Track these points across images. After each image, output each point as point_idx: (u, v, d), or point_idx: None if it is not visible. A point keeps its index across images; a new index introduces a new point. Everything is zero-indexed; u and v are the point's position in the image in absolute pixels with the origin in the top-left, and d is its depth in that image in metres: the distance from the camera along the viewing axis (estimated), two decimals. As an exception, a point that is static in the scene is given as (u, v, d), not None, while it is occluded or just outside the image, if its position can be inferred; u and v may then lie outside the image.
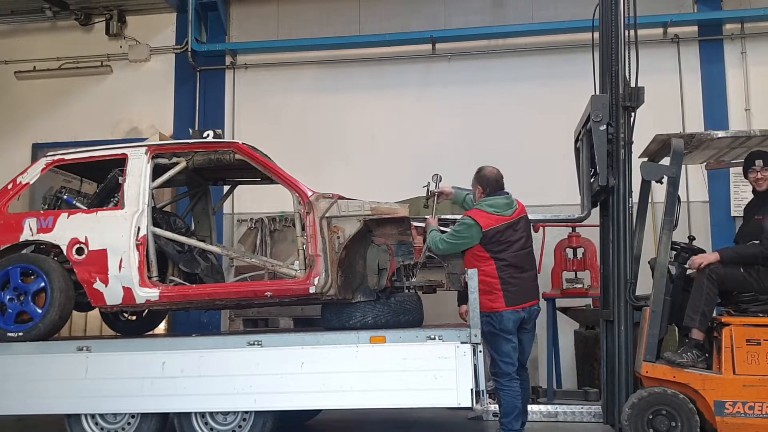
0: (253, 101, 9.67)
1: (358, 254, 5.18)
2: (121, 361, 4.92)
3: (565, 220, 6.27)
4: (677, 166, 5.08)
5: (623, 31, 5.46)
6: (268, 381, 4.70)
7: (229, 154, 5.32)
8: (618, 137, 5.29)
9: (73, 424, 5.00)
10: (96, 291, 5.12)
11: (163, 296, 5.09)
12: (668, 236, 5.06)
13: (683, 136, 5.21)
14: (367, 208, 4.96)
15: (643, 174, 5.26)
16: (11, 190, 5.48)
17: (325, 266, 4.88)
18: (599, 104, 5.31)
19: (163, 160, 5.41)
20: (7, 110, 10.17)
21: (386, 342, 4.65)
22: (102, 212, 5.29)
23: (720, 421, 4.67)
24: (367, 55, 9.53)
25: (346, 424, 6.69)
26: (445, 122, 9.17)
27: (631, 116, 5.36)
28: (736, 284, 4.91)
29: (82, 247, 5.13)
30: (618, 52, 5.41)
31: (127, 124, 9.93)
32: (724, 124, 8.47)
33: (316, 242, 4.93)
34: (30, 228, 5.24)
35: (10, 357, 5.04)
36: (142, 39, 10.06)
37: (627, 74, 5.41)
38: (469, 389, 4.41)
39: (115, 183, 5.40)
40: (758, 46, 8.80)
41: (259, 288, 5.14)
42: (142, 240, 5.10)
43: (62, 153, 5.59)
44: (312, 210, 4.99)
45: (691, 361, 4.84)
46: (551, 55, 9.15)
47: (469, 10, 9.40)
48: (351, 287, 5.16)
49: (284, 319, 7.65)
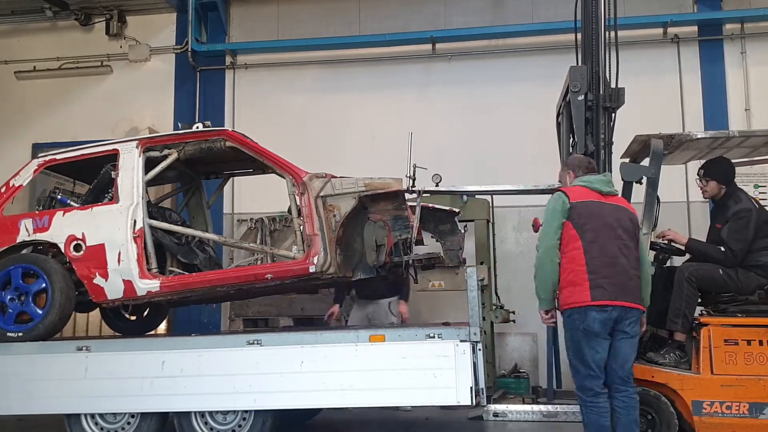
0: (253, 101, 9.68)
1: (355, 232, 5.14)
2: (120, 360, 4.91)
3: (546, 191, 5.89)
4: (657, 167, 5.05)
5: (603, 32, 5.46)
6: (267, 380, 4.68)
7: (220, 141, 5.31)
8: (598, 104, 5.32)
9: (73, 424, 4.99)
10: (96, 286, 5.11)
11: (163, 286, 5.08)
12: (647, 237, 5.02)
13: (662, 136, 5.16)
14: (361, 184, 4.96)
15: (622, 175, 5.20)
16: (5, 192, 5.49)
17: (324, 245, 4.85)
18: (578, 75, 5.35)
19: (154, 153, 5.38)
20: (7, 110, 10.19)
21: (385, 340, 4.63)
22: (97, 207, 5.29)
23: (698, 420, 4.67)
24: (367, 55, 9.54)
25: (346, 423, 6.69)
26: (445, 122, 9.17)
27: (611, 117, 5.36)
28: (715, 285, 4.93)
29: (79, 244, 5.13)
30: (599, 53, 5.41)
31: (127, 124, 9.93)
32: (724, 124, 8.47)
33: (312, 222, 4.91)
34: (26, 229, 5.25)
35: (10, 357, 5.03)
36: (142, 39, 10.08)
37: (607, 75, 5.40)
38: (468, 387, 4.40)
39: (108, 178, 5.39)
40: (758, 46, 8.81)
41: (259, 271, 5.09)
42: (139, 232, 5.10)
43: (53, 153, 5.59)
44: (306, 190, 4.97)
45: (674, 362, 4.85)
46: (551, 55, 9.14)
47: (469, 10, 9.41)
48: (350, 265, 5.13)
49: (284, 318, 7.66)
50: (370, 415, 6.81)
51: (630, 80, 5.85)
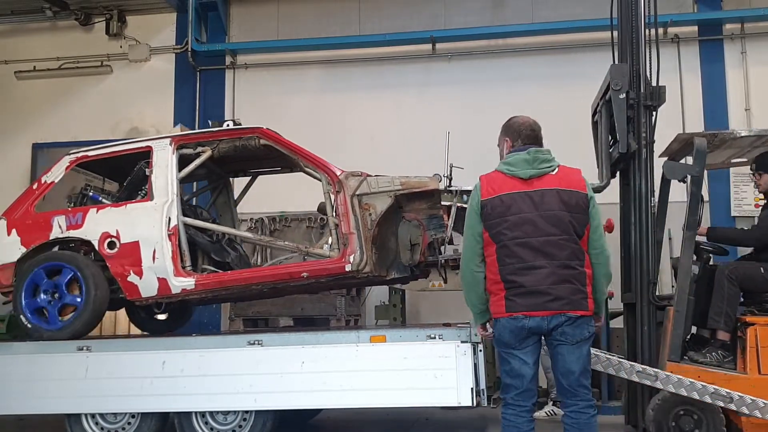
0: (253, 101, 9.68)
1: (389, 230, 5.13)
2: (121, 360, 4.91)
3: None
4: (701, 165, 5.02)
5: (644, 30, 5.41)
6: (268, 380, 4.69)
7: (254, 140, 5.29)
8: (639, 102, 5.25)
9: (74, 424, 4.99)
10: (130, 284, 5.07)
11: (199, 284, 5.04)
12: (692, 236, 5.01)
13: (706, 135, 5.17)
14: (397, 183, 4.93)
15: (665, 173, 5.22)
16: (36, 189, 5.45)
17: (360, 243, 4.83)
18: (619, 73, 5.27)
19: (187, 151, 5.35)
20: (7, 110, 10.18)
21: (386, 341, 4.64)
22: (131, 205, 5.25)
23: (746, 421, 4.61)
24: (367, 55, 9.54)
25: (347, 423, 6.69)
26: (445, 122, 9.14)
27: (652, 115, 5.33)
28: (756, 283, 4.92)
29: (113, 241, 5.09)
30: (639, 52, 5.36)
31: (127, 124, 9.94)
32: (724, 124, 8.48)
33: (348, 220, 4.88)
34: (59, 226, 5.20)
35: (10, 357, 5.04)
36: (142, 39, 10.07)
37: (648, 73, 5.37)
38: (469, 388, 4.39)
39: (142, 175, 5.35)
40: (758, 46, 8.81)
41: (294, 270, 5.06)
42: (173, 230, 5.06)
43: (85, 150, 5.53)
44: (342, 189, 4.96)
45: (717, 362, 4.81)
46: (551, 55, 9.16)
47: (469, 10, 9.41)
48: (385, 264, 5.12)
49: (284, 318, 7.66)
50: (371, 414, 6.81)
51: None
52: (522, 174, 3.62)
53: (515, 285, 3.51)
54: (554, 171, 3.66)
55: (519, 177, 3.62)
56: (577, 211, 3.57)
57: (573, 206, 3.56)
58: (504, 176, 3.67)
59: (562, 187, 3.59)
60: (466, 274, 3.73)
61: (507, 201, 3.57)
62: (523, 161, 3.66)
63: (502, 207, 3.57)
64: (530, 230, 3.52)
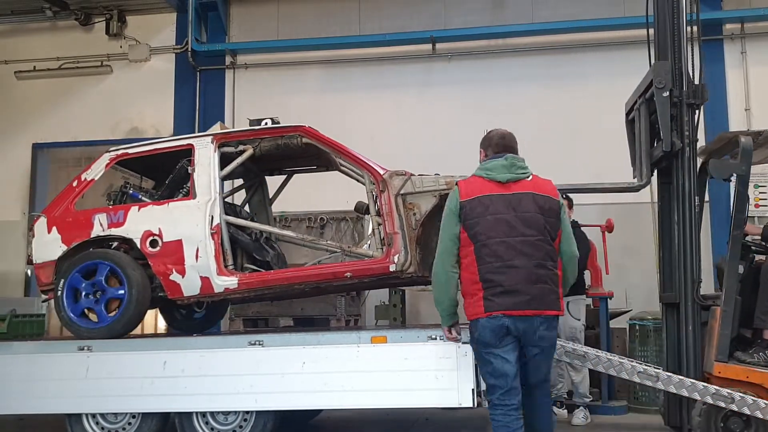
0: (253, 101, 9.68)
1: (432, 231, 5.04)
2: (121, 360, 4.90)
3: (624, 189, 5.69)
4: (747, 164, 4.99)
5: (685, 27, 5.38)
6: (269, 381, 4.68)
7: (297, 138, 5.27)
8: (682, 100, 5.22)
9: (74, 424, 4.98)
10: (173, 283, 5.04)
11: (242, 283, 5.01)
12: (739, 234, 4.97)
13: (751, 133, 5.16)
14: (442, 182, 4.89)
15: (711, 172, 5.17)
16: (76, 187, 5.39)
17: (404, 244, 4.81)
18: (662, 71, 5.23)
19: (229, 149, 5.32)
20: (7, 110, 10.18)
21: (387, 342, 4.63)
22: (174, 203, 5.22)
23: None
24: (367, 55, 9.55)
25: (347, 423, 6.69)
26: (445, 122, 9.17)
27: (695, 113, 5.31)
28: None
29: (156, 240, 5.05)
30: (681, 49, 5.33)
31: (127, 124, 9.95)
32: (724, 124, 8.48)
33: (393, 220, 4.86)
34: (101, 224, 5.16)
35: (11, 357, 5.04)
36: (142, 39, 10.08)
37: (690, 71, 5.34)
38: (470, 389, 4.38)
39: (184, 173, 5.31)
40: (758, 46, 8.82)
41: (339, 269, 5.03)
42: (216, 228, 5.03)
43: (125, 147, 5.48)
44: (386, 188, 4.93)
45: (764, 362, 4.76)
46: (551, 55, 9.17)
47: (469, 10, 9.42)
48: (428, 264, 5.02)
49: (284, 318, 7.65)
50: (371, 415, 6.82)
51: (631, 80, 5.86)
52: (500, 177, 3.80)
53: (493, 284, 3.66)
54: (529, 178, 3.87)
55: (497, 180, 3.80)
56: (550, 216, 3.77)
57: (547, 210, 3.77)
58: (482, 180, 3.84)
59: (537, 192, 3.80)
60: (440, 274, 3.86)
61: (485, 202, 3.74)
62: (501, 166, 3.85)
63: (480, 207, 3.73)
64: (508, 230, 3.69)
